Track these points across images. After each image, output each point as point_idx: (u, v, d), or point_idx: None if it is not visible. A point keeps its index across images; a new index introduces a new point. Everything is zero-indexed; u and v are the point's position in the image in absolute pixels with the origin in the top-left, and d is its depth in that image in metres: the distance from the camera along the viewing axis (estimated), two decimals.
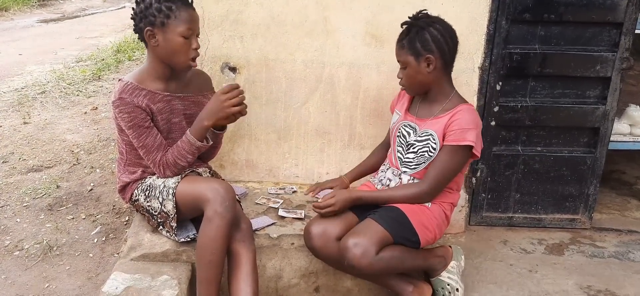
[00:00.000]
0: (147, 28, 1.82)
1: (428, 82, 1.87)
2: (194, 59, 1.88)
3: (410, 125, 1.96)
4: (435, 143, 1.87)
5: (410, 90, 1.95)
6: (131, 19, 1.86)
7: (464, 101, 1.91)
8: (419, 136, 1.91)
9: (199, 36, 1.87)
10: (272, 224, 2.09)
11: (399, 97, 2.09)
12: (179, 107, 1.95)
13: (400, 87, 1.95)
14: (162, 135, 1.91)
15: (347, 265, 1.77)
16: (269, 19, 2.21)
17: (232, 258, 1.84)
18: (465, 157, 1.86)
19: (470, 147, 1.83)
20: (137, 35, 1.88)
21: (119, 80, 1.90)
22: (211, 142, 1.93)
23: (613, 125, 2.46)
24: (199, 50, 1.87)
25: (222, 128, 1.97)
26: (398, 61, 1.90)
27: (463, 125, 1.81)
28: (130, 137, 1.87)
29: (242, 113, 1.83)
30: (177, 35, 1.81)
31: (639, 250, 2.44)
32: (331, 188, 2.15)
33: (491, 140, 2.43)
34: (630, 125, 2.83)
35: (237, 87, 1.81)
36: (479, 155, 1.88)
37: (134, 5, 1.86)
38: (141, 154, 1.90)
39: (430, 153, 1.88)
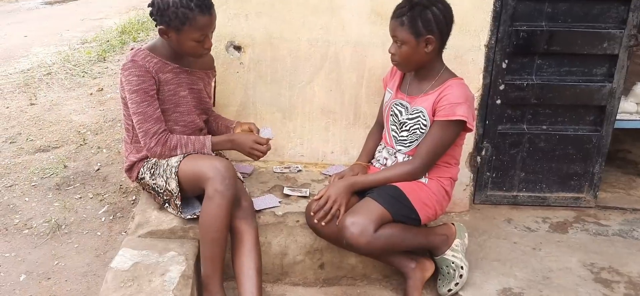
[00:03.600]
0: (161, 26, 1.83)
1: (424, 61, 1.85)
2: (204, 55, 1.93)
3: (401, 104, 1.95)
4: (425, 120, 1.87)
5: (404, 68, 1.93)
6: (148, 6, 1.84)
7: (454, 76, 1.90)
8: (410, 114, 1.91)
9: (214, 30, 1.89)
10: (278, 205, 2.08)
11: (391, 73, 2.07)
12: (186, 80, 1.98)
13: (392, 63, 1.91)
14: (169, 109, 1.94)
15: (345, 244, 1.79)
16: None
17: (234, 235, 1.87)
18: (456, 131, 1.86)
19: (462, 121, 1.82)
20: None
21: (132, 48, 1.92)
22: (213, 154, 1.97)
23: (619, 104, 2.45)
24: (211, 48, 1.91)
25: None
26: (393, 36, 1.85)
27: (452, 100, 1.80)
28: (130, 103, 1.87)
29: (257, 159, 2.02)
30: (190, 40, 1.83)
31: None
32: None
33: (496, 119, 2.42)
34: (637, 103, 2.81)
35: (268, 145, 2.01)
36: (472, 128, 1.88)
37: None
38: (134, 122, 1.89)
39: (421, 131, 1.88)
